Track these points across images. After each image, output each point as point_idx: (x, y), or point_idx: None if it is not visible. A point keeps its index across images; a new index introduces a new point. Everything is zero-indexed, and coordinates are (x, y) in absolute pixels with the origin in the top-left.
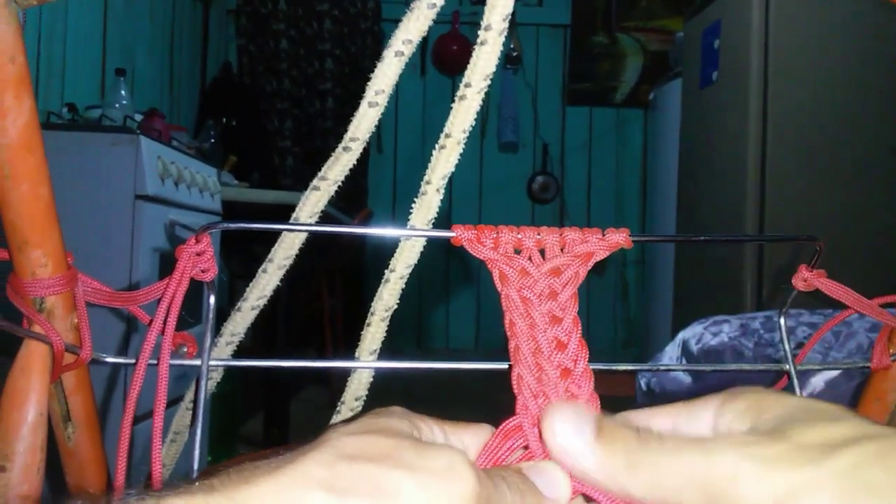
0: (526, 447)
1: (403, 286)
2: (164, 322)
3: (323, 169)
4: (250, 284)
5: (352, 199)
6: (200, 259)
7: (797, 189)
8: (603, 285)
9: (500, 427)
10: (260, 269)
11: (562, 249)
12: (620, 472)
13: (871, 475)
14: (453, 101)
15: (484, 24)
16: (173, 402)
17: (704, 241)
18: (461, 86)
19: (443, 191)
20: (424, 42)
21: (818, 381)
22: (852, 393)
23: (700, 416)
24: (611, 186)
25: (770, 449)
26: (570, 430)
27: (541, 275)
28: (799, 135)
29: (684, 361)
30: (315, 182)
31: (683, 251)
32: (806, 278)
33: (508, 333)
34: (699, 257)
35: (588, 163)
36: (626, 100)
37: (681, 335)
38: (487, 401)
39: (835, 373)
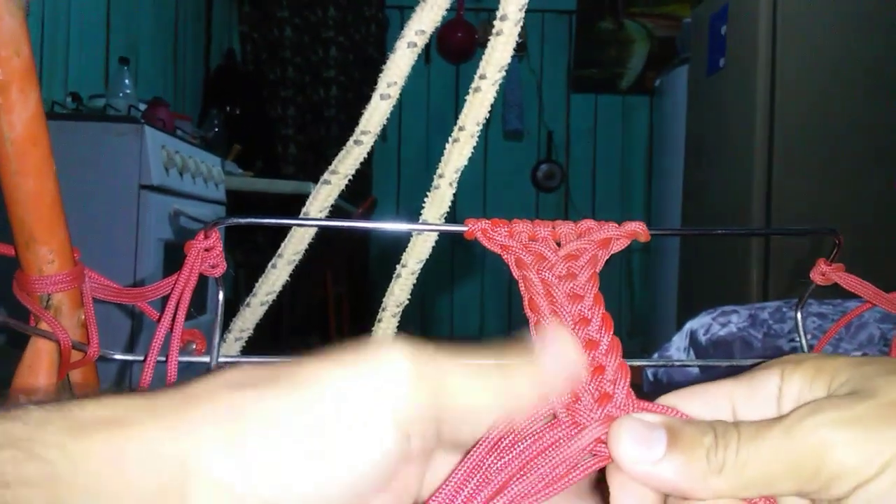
0: (553, 416)
1: (415, 281)
2: (173, 319)
3: (334, 163)
4: (259, 280)
5: (355, 187)
6: (209, 255)
7: (804, 177)
8: (608, 273)
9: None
10: (269, 265)
11: (578, 239)
12: (706, 478)
13: None
14: (457, 88)
15: (500, 13)
16: None
17: (721, 235)
18: (476, 77)
19: (455, 184)
20: None
21: None
22: None
23: (761, 390)
24: (616, 174)
25: (859, 410)
26: (641, 447)
27: (558, 259)
28: (806, 122)
29: (692, 352)
30: (326, 175)
31: (690, 240)
32: (824, 272)
33: (529, 313)
34: (705, 246)
35: (593, 150)
36: (632, 87)
37: (688, 325)
38: None
39: None
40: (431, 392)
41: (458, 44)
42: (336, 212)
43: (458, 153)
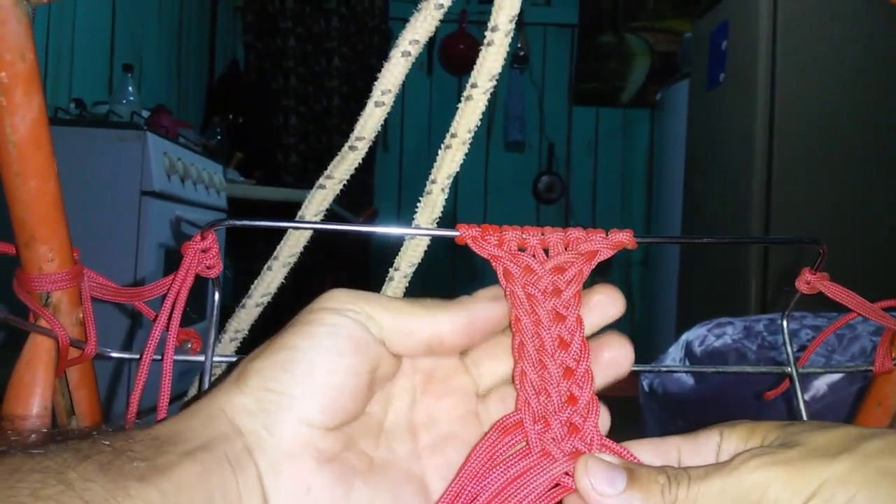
0: (526, 443)
1: (407, 285)
2: (169, 318)
3: (329, 167)
4: (255, 281)
5: (357, 198)
6: (206, 256)
7: (804, 191)
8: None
9: (499, 421)
10: (265, 267)
11: (566, 248)
12: None
13: (888, 463)
14: (459, 100)
15: (491, 24)
16: (177, 398)
17: (707, 243)
18: (468, 86)
19: (448, 191)
20: (432, 41)
21: (821, 385)
22: (854, 397)
23: (703, 446)
24: (616, 187)
25: (789, 455)
26: (603, 483)
27: (545, 272)
28: (806, 137)
29: (687, 363)
30: (321, 180)
31: (688, 253)
32: (809, 281)
33: (513, 329)
34: (704, 259)
35: (594, 163)
36: (633, 100)
37: (684, 337)
38: None
39: (837, 376)
40: (367, 304)
41: (460, 56)
42: (331, 218)
43: (450, 160)
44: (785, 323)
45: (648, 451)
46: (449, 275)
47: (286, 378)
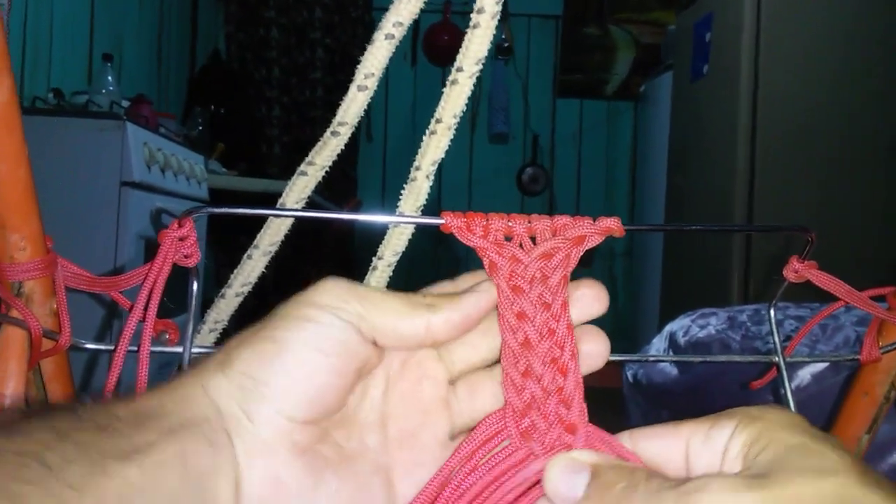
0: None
1: (391, 274)
2: (146, 308)
3: (311, 154)
4: (235, 271)
5: (341, 189)
6: (183, 244)
7: (786, 183)
8: (591, 277)
9: (484, 419)
10: (245, 255)
11: (553, 235)
12: None
13: None
14: (443, 91)
15: (477, 6)
16: None
17: (697, 231)
18: (453, 70)
19: (433, 177)
20: (415, 32)
21: (805, 374)
22: (839, 387)
23: (715, 439)
24: (600, 179)
25: (744, 497)
26: (566, 487)
27: (531, 260)
28: (789, 129)
29: (671, 353)
30: (302, 167)
31: (671, 244)
32: (797, 269)
33: (499, 325)
34: (687, 250)
35: (578, 155)
36: (617, 92)
37: (668, 328)
38: None
39: (821, 366)
40: (359, 300)
41: (445, 46)
42: (311, 206)
43: (434, 146)
44: (772, 312)
45: (657, 439)
46: (433, 263)
47: (270, 370)
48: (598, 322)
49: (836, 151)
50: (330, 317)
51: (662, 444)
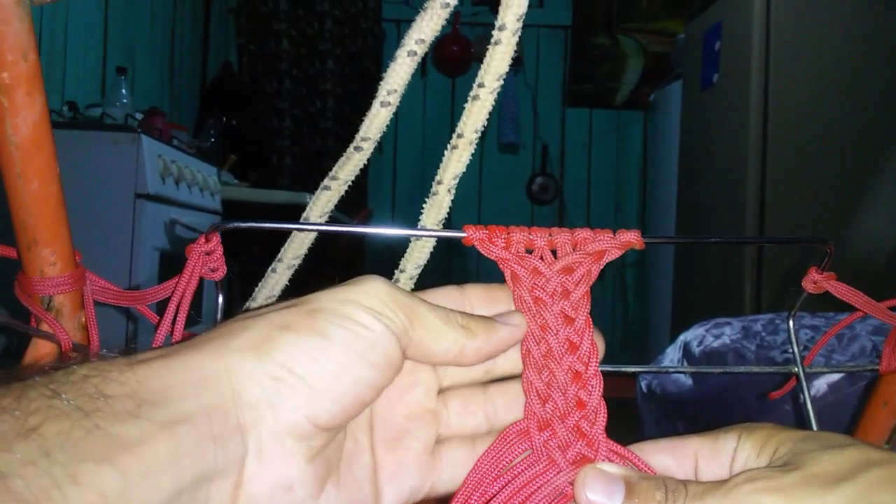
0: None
1: (413, 286)
2: (173, 321)
3: (334, 168)
4: (259, 284)
5: (351, 199)
6: (210, 258)
7: (797, 192)
8: (602, 287)
9: (506, 430)
10: (269, 269)
11: (574, 249)
12: None
13: (879, 499)
14: (452, 102)
15: (498, 23)
16: None
17: (714, 242)
18: (474, 86)
19: (454, 191)
20: None
21: (821, 385)
22: (857, 397)
23: (721, 451)
24: (610, 188)
25: (785, 480)
26: (601, 496)
27: (553, 273)
28: (799, 137)
29: (685, 363)
30: (326, 182)
31: (683, 253)
32: (816, 280)
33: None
34: (699, 260)
35: (588, 164)
36: (627, 102)
37: (682, 337)
38: None
39: (838, 376)
40: (405, 312)
41: (454, 57)
42: (332, 221)
43: (456, 160)
44: (791, 323)
45: (665, 453)
46: (445, 273)
47: (315, 367)
48: (608, 330)
49: (847, 159)
50: (381, 325)
51: (672, 458)
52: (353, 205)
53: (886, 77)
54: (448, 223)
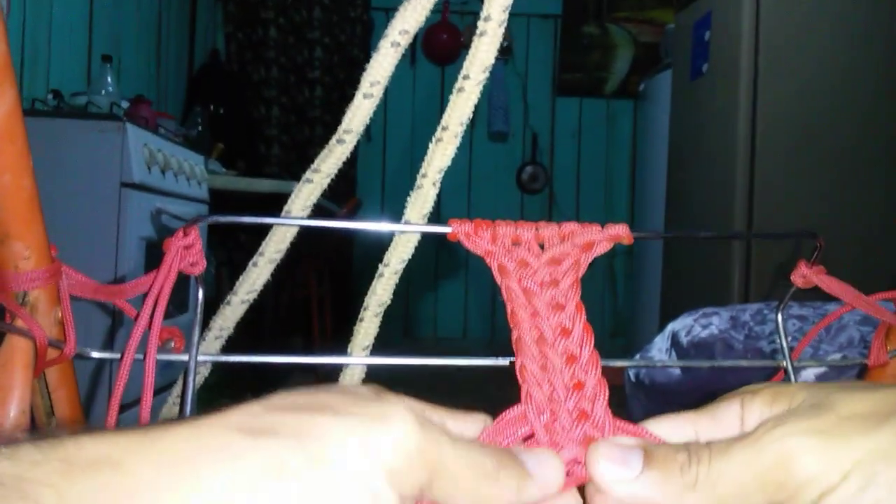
0: (528, 437)
1: (397, 281)
2: (151, 316)
3: (316, 161)
4: (240, 278)
5: (340, 189)
6: (189, 252)
7: (786, 181)
8: (591, 276)
9: (502, 415)
10: (250, 263)
11: (561, 242)
12: (682, 494)
13: None
14: (442, 90)
15: (483, 14)
16: (160, 391)
17: (704, 238)
18: (459, 77)
19: (439, 184)
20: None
21: (808, 376)
22: None
23: (723, 420)
24: (600, 177)
25: (820, 422)
26: (617, 466)
27: (540, 264)
28: (788, 127)
29: (674, 353)
30: (308, 174)
31: (672, 243)
32: (805, 274)
33: (511, 324)
34: (688, 249)
35: (577, 153)
36: (617, 91)
37: (670, 327)
38: (477, 393)
39: (825, 368)
40: (429, 471)
41: (443, 46)
42: (319, 212)
43: (441, 153)
44: (780, 316)
45: (665, 430)
46: (435, 267)
47: None
48: (597, 319)
49: (835, 150)
50: (394, 498)
51: (673, 431)
52: (341, 195)
53: (875, 68)
54: (436, 213)
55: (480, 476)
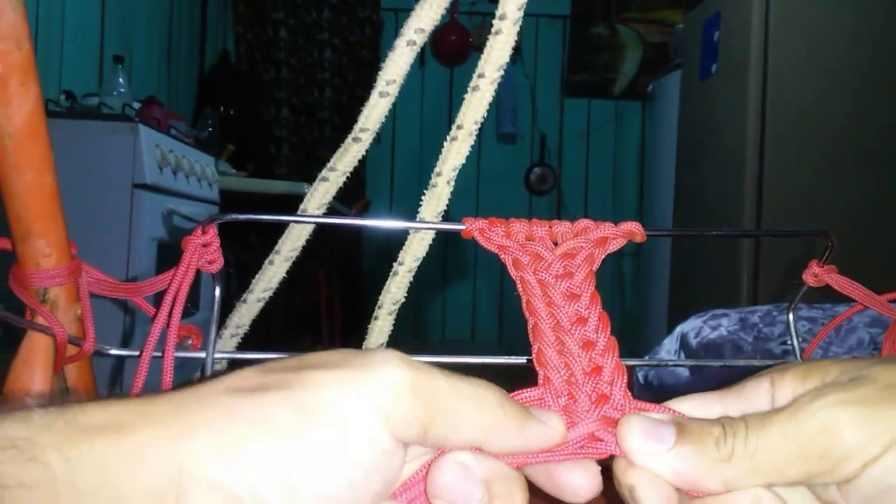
0: None
1: (411, 279)
2: (170, 314)
3: (332, 159)
4: (256, 276)
5: (349, 189)
6: (207, 250)
7: (795, 182)
8: (599, 276)
9: (516, 394)
10: (266, 261)
11: (574, 238)
12: (716, 466)
13: None
14: (451, 91)
15: (499, 13)
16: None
17: (716, 236)
18: (474, 76)
19: (453, 183)
20: None
21: None
22: None
23: (753, 399)
24: (608, 178)
25: (861, 392)
26: (650, 439)
27: (555, 258)
28: (798, 128)
29: (682, 355)
30: (324, 173)
31: (680, 244)
32: (816, 273)
33: (526, 314)
34: (696, 250)
35: (586, 154)
36: (625, 91)
37: (679, 328)
38: None
39: None
40: (427, 408)
41: (452, 47)
42: (330, 212)
43: (455, 151)
44: (791, 316)
45: (689, 408)
46: (441, 265)
47: (283, 495)
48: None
49: (846, 150)
50: (390, 441)
51: (699, 409)
52: (350, 195)
53: (886, 67)
54: (446, 214)
55: (484, 407)
